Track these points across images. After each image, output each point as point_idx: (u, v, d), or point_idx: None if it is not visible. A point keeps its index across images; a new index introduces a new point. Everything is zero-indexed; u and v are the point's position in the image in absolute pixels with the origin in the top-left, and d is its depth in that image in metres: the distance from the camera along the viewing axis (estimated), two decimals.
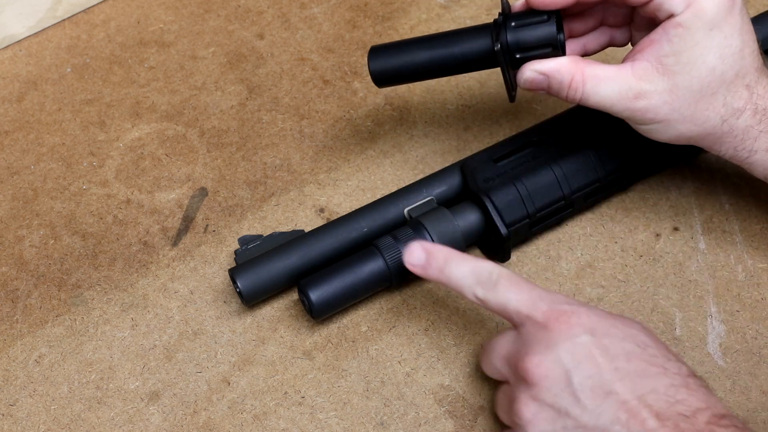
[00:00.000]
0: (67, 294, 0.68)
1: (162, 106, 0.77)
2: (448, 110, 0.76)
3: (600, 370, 0.52)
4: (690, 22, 0.56)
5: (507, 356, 0.57)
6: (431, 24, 0.81)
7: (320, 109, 0.76)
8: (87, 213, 0.72)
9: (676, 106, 0.58)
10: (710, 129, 0.59)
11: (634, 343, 0.53)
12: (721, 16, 0.56)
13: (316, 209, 0.72)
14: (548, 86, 0.60)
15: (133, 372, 0.65)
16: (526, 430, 0.54)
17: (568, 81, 0.59)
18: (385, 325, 0.67)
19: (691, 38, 0.56)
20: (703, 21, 0.56)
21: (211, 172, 0.74)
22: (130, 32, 0.81)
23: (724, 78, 0.58)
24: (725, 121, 0.59)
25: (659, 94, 0.58)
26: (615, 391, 0.52)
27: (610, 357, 0.53)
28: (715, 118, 0.59)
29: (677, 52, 0.57)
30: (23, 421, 0.63)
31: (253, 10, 0.82)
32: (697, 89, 0.58)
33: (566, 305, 0.55)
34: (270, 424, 0.63)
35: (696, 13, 0.56)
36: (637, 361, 0.53)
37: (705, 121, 0.59)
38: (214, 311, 0.67)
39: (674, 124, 0.59)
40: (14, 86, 0.78)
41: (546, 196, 0.66)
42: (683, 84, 0.57)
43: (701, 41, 0.56)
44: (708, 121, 0.59)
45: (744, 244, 0.69)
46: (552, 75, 0.59)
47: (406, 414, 0.63)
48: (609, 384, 0.52)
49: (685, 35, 0.56)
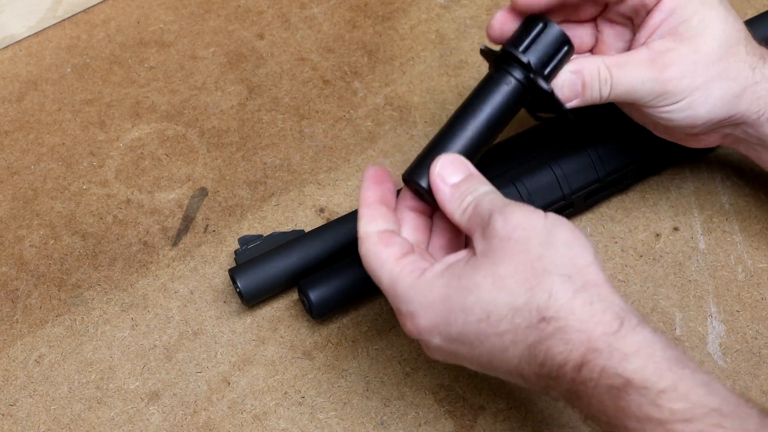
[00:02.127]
0: (67, 294, 0.68)
1: (162, 106, 0.77)
2: (448, 110, 0.76)
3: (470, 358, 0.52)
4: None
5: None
6: (431, 24, 0.81)
7: (320, 109, 0.76)
8: (87, 213, 0.72)
9: (708, 63, 0.58)
10: (743, 81, 0.59)
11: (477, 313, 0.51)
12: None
13: (316, 209, 0.72)
14: (582, 83, 0.59)
15: (133, 372, 0.65)
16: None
17: (597, 72, 0.58)
18: (385, 325, 0.67)
19: (692, 7, 0.58)
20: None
21: (211, 172, 0.74)
22: (130, 32, 0.81)
23: (737, 32, 0.59)
24: (755, 69, 0.59)
25: (685, 57, 0.58)
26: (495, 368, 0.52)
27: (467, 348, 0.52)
28: (745, 68, 0.59)
29: (685, 20, 0.58)
30: (23, 421, 0.63)
31: (253, 10, 0.82)
32: (717, 45, 0.58)
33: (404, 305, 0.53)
34: (270, 424, 0.63)
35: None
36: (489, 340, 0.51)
37: (738, 73, 0.59)
38: (214, 311, 0.67)
39: (710, 86, 0.58)
40: (14, 86, 0.78)
41: (546, 196, 0.66)
42: (704, 44, 0.58)
43: (700, 9, 0.58)
44: (740, 72, 0.59)
45: (744, 244, 0.69)
46: (584, 70, 0.59)
47: (406, 414, 0.63)
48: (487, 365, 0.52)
49: (686, 5, 0.58)
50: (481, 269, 0.51)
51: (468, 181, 0.55)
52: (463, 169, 0.55)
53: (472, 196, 0.54)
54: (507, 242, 0.50)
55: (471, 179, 0.55)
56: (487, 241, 0.51)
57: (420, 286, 0.52)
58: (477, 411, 0.63)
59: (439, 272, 0.52)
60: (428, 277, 0.52)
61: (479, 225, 0.52)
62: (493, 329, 0.50)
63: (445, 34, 0.80)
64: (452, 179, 0.55)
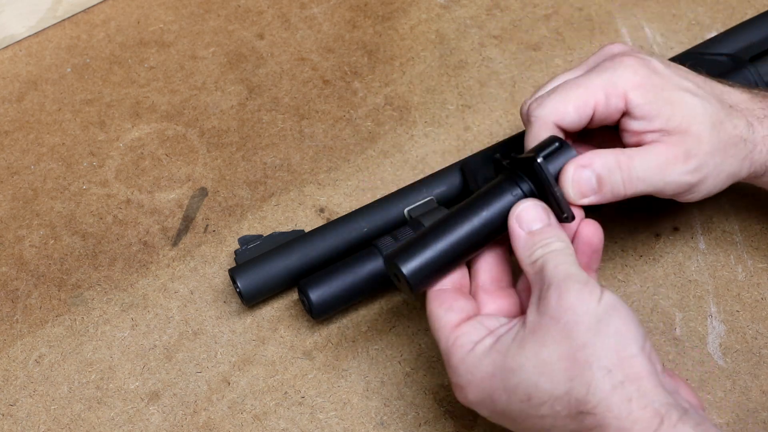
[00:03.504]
0: (67, 294, 0.68)
1: (162, 106, 0.77)
2: (448, 110, 0.76)
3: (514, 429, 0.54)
4: (638, 103, 0.58)
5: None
6: (431, 24, 0.81)
7: (320, 109, 0.76)
8: (87, 213, 0.72)
9: (713, 147, 0.58)
10: (741, 154, 0.59)
11: (519, 394, 0.51)
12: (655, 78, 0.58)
13: (316, 209, 0.72)
14: (599, 179, 0.57)
15: (133, 372, 0.65)
16: None
17: (616, 165, 0.57)
18: (385, 325, 0.67)
19: (654, 95, 0.58)
20: (645, 89, 0.58)
21: (211, 172, 0.74)
22: (130, 32, 0.81)
23: (716, 109, 0.58)
24: (746, 141, 0.59)
25: (699, 145, 0.58)
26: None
27: (511, 422, 0.53)
28: (738, 141, 0.59)
29: (669, 117, 0.57)
30: (23, 421, 0.63)
31: (253, 10, 0.82)
32: (710, 126, 0.58)
33: (455, 377, 0.54)
34: (270, 424, 0.63)
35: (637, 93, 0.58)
36: (530, 420, 0.52)
37: (735, 149, 0.59)
38: (214, 311, 0.67)
39: (720, 166, 0.58)
40: (14, 86, 0.78)
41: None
42: (697, 129, 0.57)
43: (669, 89, 0.58)
44: (737, 146, 0.59)
45: (744, 244, 0.69)
46: (600, 164, 0.57)
47: (406, 414, 0.63)
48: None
49: (648, 96, 0.58)
50: (527, 349, 0.51)
51: (543, 232, 0.54)
52: (543, 218, 0.55)
53: (542, 251, 0.53)
54: (555, 324, 0.50)
55: (548, 230, 0.54)
56: (539, 316, 0.51)
57: (469, 362, 0.53)
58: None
59: (488, 348, 0.52)
60: (478, 353, 0.53)
61: (538, 288, 0.52)
62: (534, 411, 0.51)
63: (445, 34, 0.80)
64: (530, 226, 0.55)
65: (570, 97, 0.58)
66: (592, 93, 0.58)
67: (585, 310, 0.50)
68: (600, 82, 0.58)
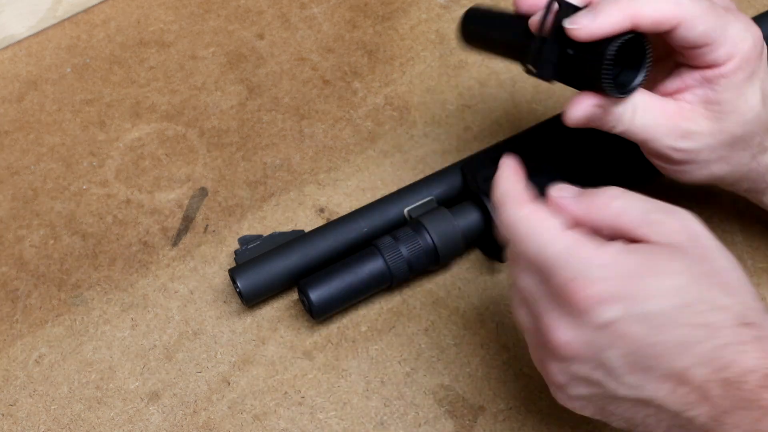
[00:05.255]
0: (67, 294, 0.68)
1: (162, 106, 0.77)
2: (448, 110, 0.76)
3: (638, 348, 0.48)
4: (733, 73, 0.55)
5: (530, 301, 0.51)
6: (431, 24, 0.81)
7: (320, 109, 0.76)
8: (87, 213, 0.72)
9: (717, 148, 0.57)
10: (738, 167, 0.59)
11: (676, 304, 0.47)
12: (758, 63, 0.55)
13: (316, 209, 0.72)
14: (602, 114, 0.56)
15: (133, 372, 0.65)
16: (558, 392, 0.52)
17: (621, 107, 0.56)
18: (385, 325, 0.67)
19: (736, 88, 0.55)
20: (745, 72, 0.55)
21: (211, 172, 0.74)
22: (130, 32, 0.81)
23: (764, 122, 0.57)
24: (754, 158, 0.59)
25: (704, 136, 0.56)
26: (656, 366, 0.48)
27: (648, 330, 0.47)
28: (746, 156, 0.58)
29: (723, 101, 0.56)
30: (23, 421, 0.63)
31: (253, 10, 0.82)
32: (740, 134, 0.57)
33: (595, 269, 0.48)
34: (270, 424, 0.63)
35: (739, 63, 0.54)
36: (680, 329, 0.47)
37: (738, 161, 0.58)
38: (214, 311, 0.67)
39: (709, 165, 0.58)
40: (14, 86, 0.78)
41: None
42: (729, 129, 0.56)
43: (745, 90, 0.55)
44: (740, 160, 0.58)
45: (744, 244, 0.69)
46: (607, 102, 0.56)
47: (406, 414, 0.63)
48: (649, 360, 0.48)
49: (729, 85, 0.55)
50: (684, 261, 0.48)
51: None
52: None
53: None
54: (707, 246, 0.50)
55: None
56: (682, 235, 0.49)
57: (606, 255, 0.48)
58: (477, 411, 0.63)
59: (625, 248, 0.49)
60: (614, 249, 0.48)
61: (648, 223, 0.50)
62: (686, 319, 0.47)
63: (445, 34, 0.80)
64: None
65: None
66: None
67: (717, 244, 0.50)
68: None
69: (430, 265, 0.66)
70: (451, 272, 0.69)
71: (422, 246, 0.64)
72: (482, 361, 0.65)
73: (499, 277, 0.69)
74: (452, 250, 0.65)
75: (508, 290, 0.54)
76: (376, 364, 0.65)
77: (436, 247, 0.65)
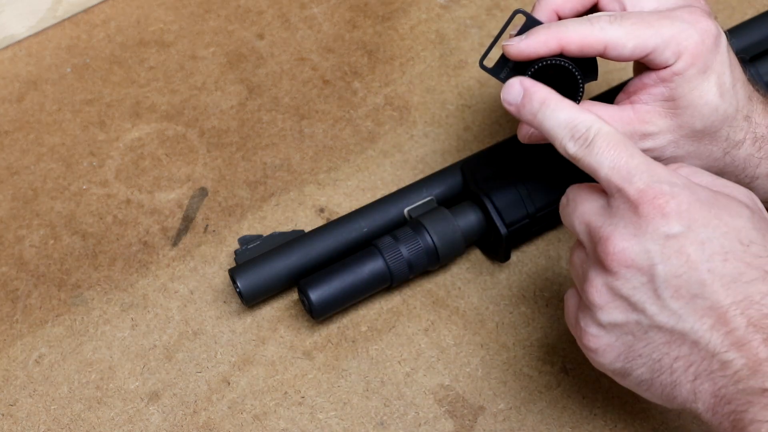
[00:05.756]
0: (67, 294, 0.68)
1: (162, 106, 0.77)
2: (448, 110, 0.76)
3: (690, 270, 0.48)
4: (684, 69, 0.56)
5: (589, 224, 0.52)
6: (431, 24, 0.81)
7: (320, 109, 0.76)
8: (87, 213, 0.72)
9: (681, 143, 0.58)
10: (712, 162, 0.59)
11: (737, 239, 0.49)
12: (710, 56, 0.56)
13: (316, 209, 0.72)
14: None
15: (133, 372, 0.65)
16: (594, 313, 0.51)
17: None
18: (385, 325, 0.67)
19: (688, 84, 0.56)
20: (696, 66, 0.56)
21: (211, 172, 0.74)
22: (130, 32, 0.81)
23: (726, 115, 0.58)
24: (727, 153, 0.59)
25: (664, 133, 0.58)
26: (703, 295, 0.48)
27: (705, 255, 0.48)
28: (717, 151, 0.59)
29: (677, 97, 0.57)
30: (23, 421, 0.63)
31: (253, 10, 0.82)
32: (700, 128, 0.58)
33: (666, 185, 0.49)
34: (270, 424, 0.63)
35: (689, 60, 0.56)
36: (735, 263, 0.48)
37: (708, 155, 0.59)
38: (214, 311, 0.67)
39: (679, 161, 0.59)
40: (14, 86, 0.78)
41: (546, 196, 0.66)
42: (687, 123, 0.57)
43: (698, 85, 0.56)
44: (711, 154, 0.59)
45: None
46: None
47: (406, 414, 0.63)
48: (698, 286, 0.48)
49: (682, 82, 0.56)
50: (748, 211, 0.50)
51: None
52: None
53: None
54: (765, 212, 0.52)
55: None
56: (748, 198, 0.52)
57: (681, 177, 0.51)
58: (477, 411, 0.63)
59: (697, 180, 0.52)
60: (687, 171, 0.52)
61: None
62: (744, 258, 0.48)
63: (445, 34, 0.80)
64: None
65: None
66: None
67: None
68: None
69: (430, 265, 0.66)
70: (451, 272, 0.69)
71: (422, 246, 0.64)
72: (482, 361, 0.65)
73: (500, 277, 0.69)
74: (452, 250, 0.65)
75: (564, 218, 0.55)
76: (376, 364, 0.65)
77: (436, 247, 0.65)
